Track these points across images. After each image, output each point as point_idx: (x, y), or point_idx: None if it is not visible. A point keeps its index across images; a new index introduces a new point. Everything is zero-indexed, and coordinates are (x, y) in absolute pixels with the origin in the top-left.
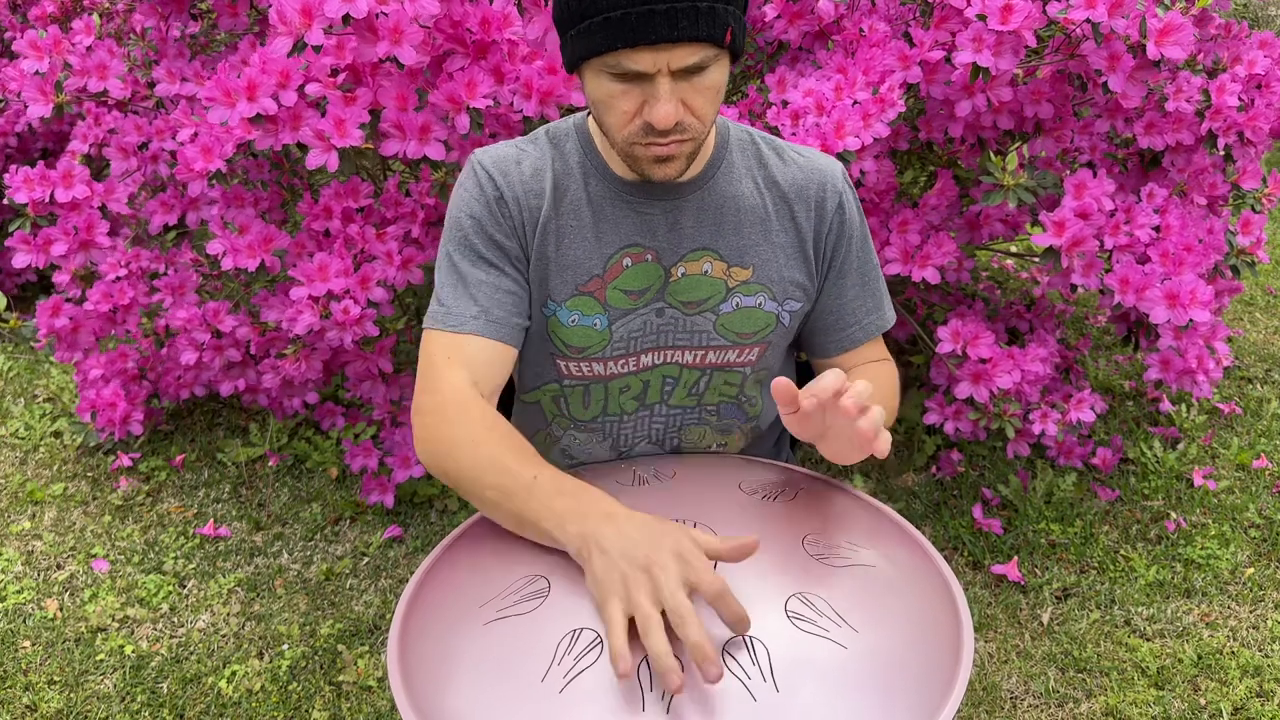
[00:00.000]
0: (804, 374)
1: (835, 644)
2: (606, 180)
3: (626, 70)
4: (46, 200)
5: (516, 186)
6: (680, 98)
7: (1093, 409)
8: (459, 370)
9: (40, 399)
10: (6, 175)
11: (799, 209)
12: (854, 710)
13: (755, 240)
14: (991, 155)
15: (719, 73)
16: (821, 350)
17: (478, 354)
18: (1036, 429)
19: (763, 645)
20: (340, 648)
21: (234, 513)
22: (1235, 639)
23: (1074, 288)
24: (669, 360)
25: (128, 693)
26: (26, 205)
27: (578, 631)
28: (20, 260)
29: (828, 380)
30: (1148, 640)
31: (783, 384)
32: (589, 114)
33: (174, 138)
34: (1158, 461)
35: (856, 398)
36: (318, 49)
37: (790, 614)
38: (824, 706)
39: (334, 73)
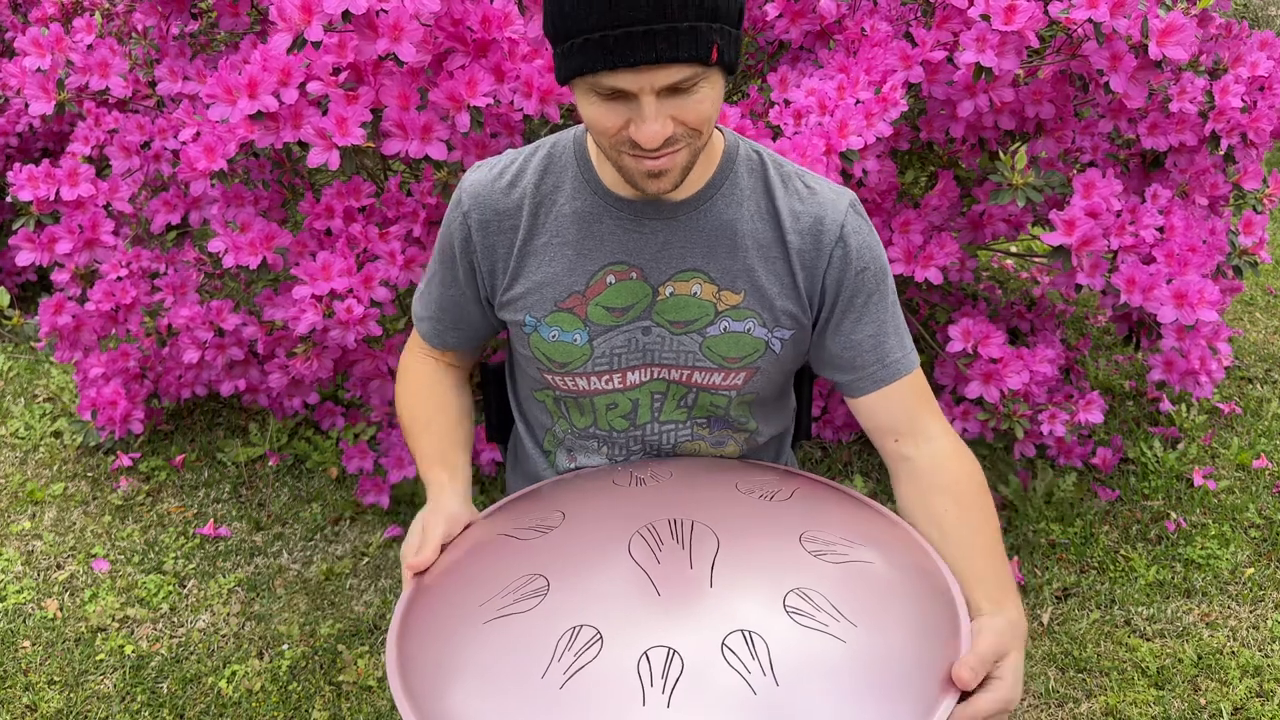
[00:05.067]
0: (801, 374)
1: (834, 638)
2: (598, 195)
3: (611, 89)
4: (51, 198)
5: (487, 209)
6: (670, 113)
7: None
8: (421, 352)
9: (40, 399)
10: (10, 174)
11: (794, 240)
12: (853, 704)
13: (750, 265)
14: (1001, 155)
15: (709, 87)
16: (849, 390)
17: (431, 347)
18: (1045, 430)
19: (762, 640)
20: (340, 648)
21: (234, 513)
22: (1235, 639)
23: (1077, 288)
24: (656, 376)
25: (128, 693)
26: (31, 203)
27: (577, 628)
28: (24, 258)
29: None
30: (1148, 640)
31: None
32: None
33: (176, 137)
34: (1158, 461)
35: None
36: (317, 45)
37: (789, 609)
38: (823, 699)
39: (336, 71)
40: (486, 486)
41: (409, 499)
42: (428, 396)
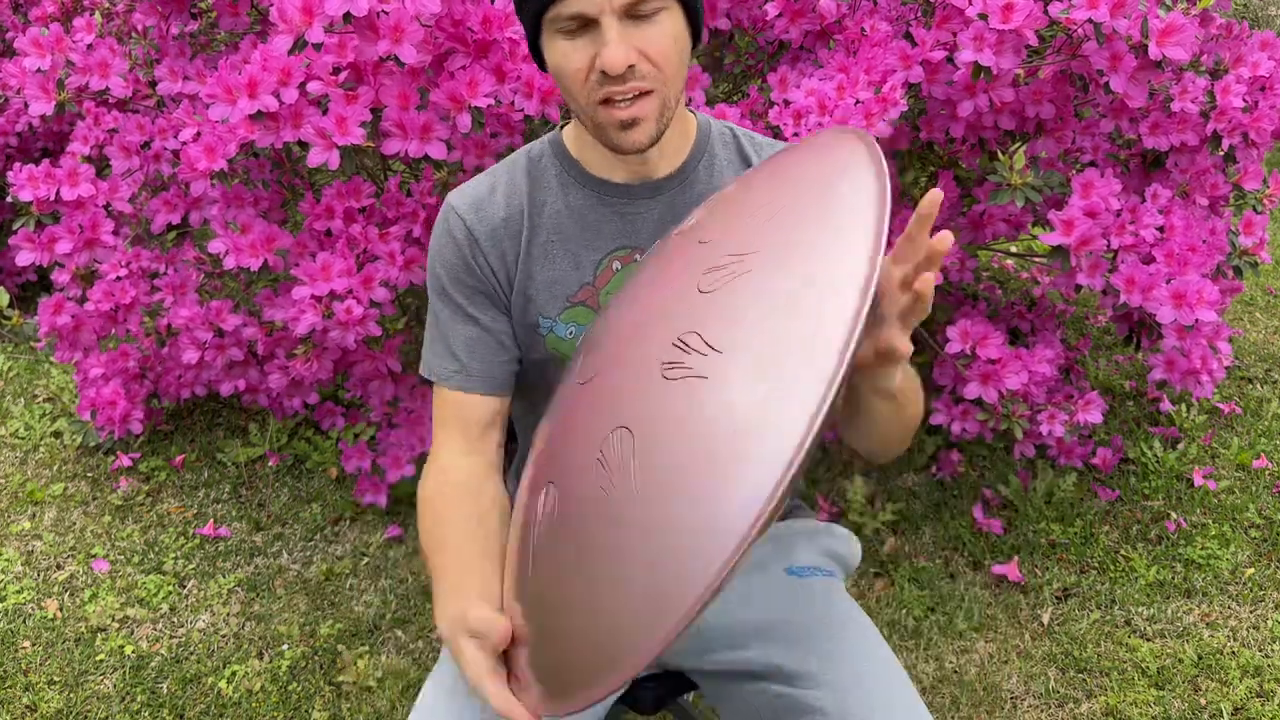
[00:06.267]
0: None
1: (697, 379)
2: (588, 187)
3: (572, 15)
4: (51, 198)
5: (491, 220)
6: (633, 45)
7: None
8: (451, 436)
9: (40, 399)
10: (10, 174)
11: None
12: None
13: None
14: (1000, 155)
15: (671, 22)
16: None
17: (463, 408)
18: (1044, 430)
19: (625, 430)
20: (340, 648)
21: (234, 513)
22: (1235, 639)
23: (1077, 288)
24: None
25: (128, 693)
26: (31, 203)
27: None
28: (24, 258)
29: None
30: (1148, 640)
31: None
32: (562, 125)
33: (176, 136)
34: (1158, 461)
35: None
36: (318, 46)
37: (663, 366)
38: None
39: (336, 71)
40: None
41: (408, 499)
42: (465, 522)
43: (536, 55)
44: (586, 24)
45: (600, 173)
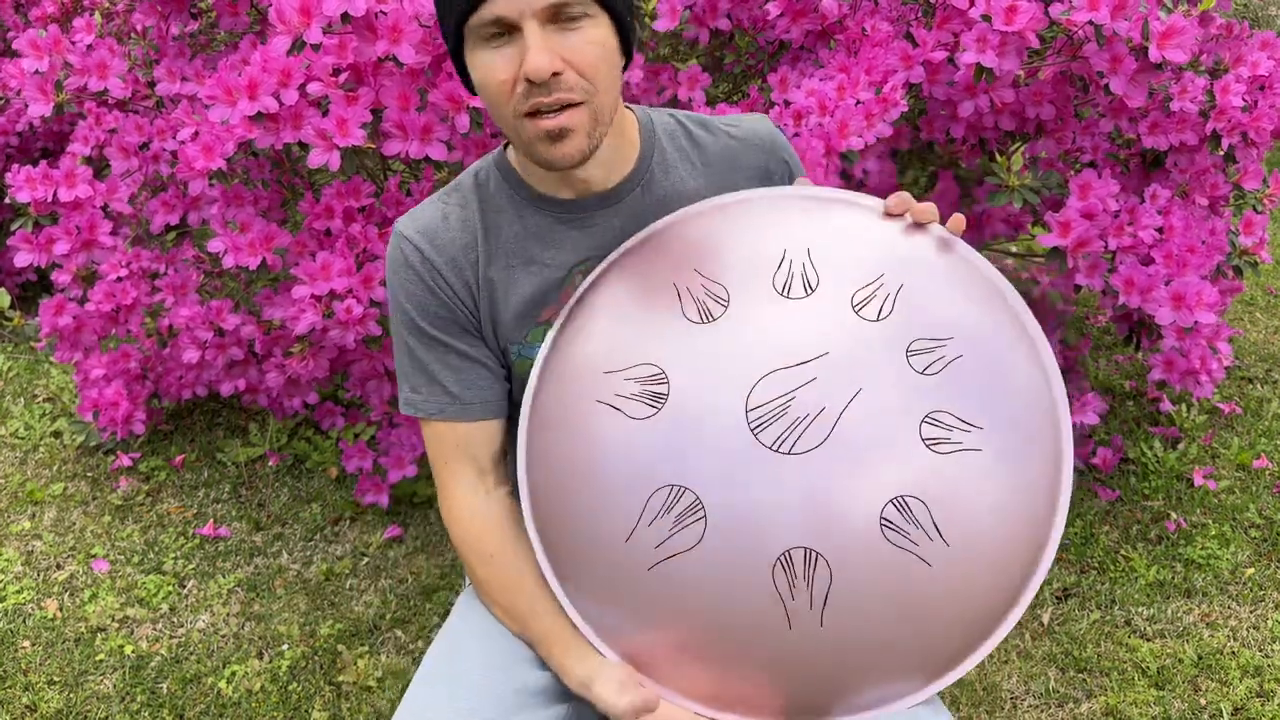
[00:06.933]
0: None
1: (972, 451)
2: (541, 207)
3: (492, 20)
4: (49, 200)
5: (448, 249)
6: (558, 53)
7: (1095, 411)
8: (461, 470)
9: (40, 399)
10: (9, 175)
11: (740, 178)
12: (1021, 513)
13: None
14: (997, 155)
15: (597, 30)
16: None
17: (468, 437)
18: None
19: (914, 499)
20: (340, 648)
21: (234, 513)
22: (1235, 639)
23: (1077, 288)
24: None
25: (127, 693)
26: (29, 205)
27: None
28: (22, 259)
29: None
30: (1148, 640)
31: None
32: (506, 144)
33: (175, 137)
34: (1158, 461)
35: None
36: (316, 47)
37: (928, 441)
38: (995, 519)
39: (336, 72)
40: None
41: (408, 499)
42: (514, 573)
43: (463, 75)
44: (509, 31)
45: (550, 191)
